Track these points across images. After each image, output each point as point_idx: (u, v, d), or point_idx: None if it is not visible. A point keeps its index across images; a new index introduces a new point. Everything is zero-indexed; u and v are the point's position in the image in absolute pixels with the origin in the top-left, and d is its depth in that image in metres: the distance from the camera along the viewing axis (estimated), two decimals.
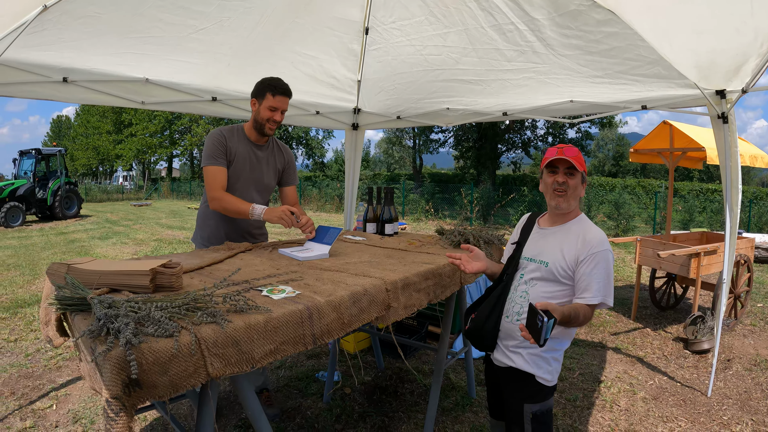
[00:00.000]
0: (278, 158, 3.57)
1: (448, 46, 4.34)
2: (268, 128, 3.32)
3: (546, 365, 2.32)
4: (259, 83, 3.31)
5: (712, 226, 17.35)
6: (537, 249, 2.43)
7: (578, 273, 2.24)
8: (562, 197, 2.34)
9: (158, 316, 1.48)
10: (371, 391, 4.16)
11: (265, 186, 3.52)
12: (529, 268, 2.41)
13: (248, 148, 3.38)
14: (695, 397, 4.23)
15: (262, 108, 3.27)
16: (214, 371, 1.49)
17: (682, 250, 5.55)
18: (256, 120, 3.32)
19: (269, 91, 3.24)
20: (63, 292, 1.74)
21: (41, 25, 3.14)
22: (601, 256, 2.20)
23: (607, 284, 2.20)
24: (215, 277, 2.20)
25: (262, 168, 3.46)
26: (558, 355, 2.37)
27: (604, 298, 2.19)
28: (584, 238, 2.26)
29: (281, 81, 3.29)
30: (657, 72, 3.85)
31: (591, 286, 2.19)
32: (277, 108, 3.27)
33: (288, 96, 3.32)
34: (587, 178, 2.43)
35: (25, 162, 20.46)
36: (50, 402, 3.98)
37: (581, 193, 2.38)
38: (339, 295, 1.97)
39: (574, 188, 2.34)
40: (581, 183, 2.36)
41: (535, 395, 2.33)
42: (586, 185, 2.42)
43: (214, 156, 3.22)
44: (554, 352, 2.34)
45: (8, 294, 7.47)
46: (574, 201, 2.37)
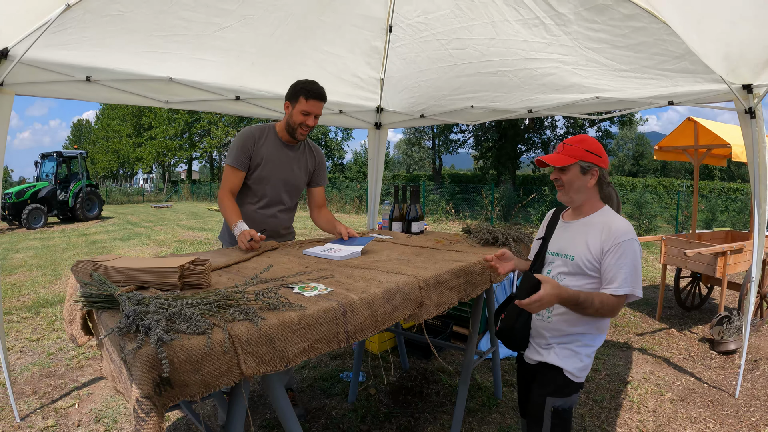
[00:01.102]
0: (309, 159, 3.50)
1: (473, 38, 4.28)
2: (300, 133, 3.23)
3: (577, 360, 2.29)
4: (293, 86, 3.19)
5: (735, 225, 17.06)
6: (562, 243, 2.42)
7: (604, 264, 2.20)
8: (561, 191, 2.38)
9: (190, 313, 1.43)
10: (396, 391, 4.11)
11: (295, 186, 3.46)
12: (556, 263, 2.40)
13: (279, 148, 3.32)
14: (723, 398, 4.15)
15: (295, 112, 3.16)
16: (247, 370, 1.44)
17: (708, 249, 5.43)
18: (289, 123, 3.23)
19: (303, 94, 3.13)
20: (89, 288, 1.71)
21: (64, 24, 3.14)
22: (626, 246, 2.15)
23: (634, 274, 2.15)
24: (243, 275, 2.16)
25: (293, 168, 3.40)
26: (590, 351, 2.32)
27: (632, 289, 2.13)
28: (609, 228, 2.22)
29: (316, 84, 3.17)
30: (684, 67, 3.78)
31: (617, 277, 2.14)
32: (311, 112, 3.16)
33: (322, 100, 3.20)
34: (600, 169, 2.33)
35: (46, 165, 20.70)
36: (72, 401, 3.97)
37: (587, 183, 2.32)
38: (372, 293, 1.93)
39: (569, 183, 2.33)
40: (582, 174, 2.31)
41: (560, 389, 2.30)
42: (598, 175, 2.33)
43: (236, 157, 3.19)
44: (586, 347, 2.31)
45: (30, 294, 7.54)
46: (576, 194, 2.35)
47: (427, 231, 4.13)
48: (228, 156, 3.23)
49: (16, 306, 6.81)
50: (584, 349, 2.30)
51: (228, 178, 3.20)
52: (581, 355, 2.29)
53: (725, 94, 3.93)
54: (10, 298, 7.25)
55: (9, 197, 17.83)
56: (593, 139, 2.35)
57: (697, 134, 6.52)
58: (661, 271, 6.56)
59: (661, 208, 20.30)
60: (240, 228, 2.93)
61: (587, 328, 2.29)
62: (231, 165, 3.19)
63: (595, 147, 2.31)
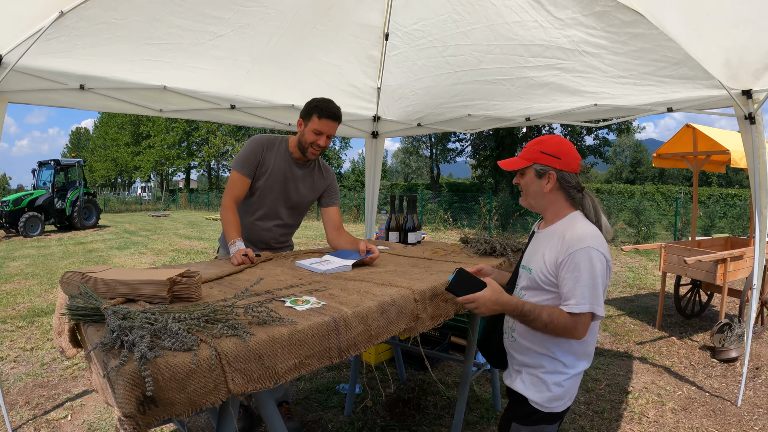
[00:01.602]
0: (318, 179, 3.39)
1: (471, 44, 4.26)
2: (311, 153, 3.12)
3: (543, 389, 2.06)
4: (307, 103, 3.08)
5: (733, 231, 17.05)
6: (527, 255, 2.23)
7: (559, 278, 1.97)
8: (522, 197, 2.23)
9: (176, 329, 1.38)
10: (394, 403, 4.05)
11: (297, 205, 3.36)
12: (521, 277, 2.23)
13: (287, 164, 3.22)
14: (725, 407, 4.11)
15: (307, 130, 3.05)
16: (235, 387, 1.39)
17: (708, 256, 5.40)
18: (300, 141, 3.12)
19: (316, 113, 3.01)
20: (76, 301, 1.67)
21: (58, 32, 3.12)
22: (580, 256, 1.90)
23: (592, 288, 1.89)
24: (235, 288, 2.11)
25: (297, 186, 3.29)
26: (560, 380, 2.05)
27: (592, 307, 1.88)
28: (564, 236, 1.99)
29: (331, 103, 3.06)
30: (683, 73, 3.76)
31: (574, 293, 1.90)
32: (323, 132, 3.04)
33: (337, 120, 3.08)
34: (558, 172, 2.08)
35: (44, 173, 20.69)
36: (65, 412, 3.91)
37: (543, 188, 2.10)
38: (366, 306, 1.88)
39: (525, 187, 2.17)
40: (538, 178, 2.11)
41: (526, 417, 2.10)
42: (556, 178, 2.08)
43: (243, 164, 3.10)
44: (555, 375, 2.05)
45: (26, 303, 7.48)
46: (533, 199, 2.16)
47: (424, 241, 4.09)
48: (236, 161, 3.14)
49: (11, 315, 6.76)
50: (552, 376, 2.05)
51: (234, 184, 3.11)
52: (548, 383, 2.05)
53: (725, 99, 3.91)
54: (5, 307, 7.20)
55: (6, 205, 17.83)
56: (557, 140, 2.12)
57: (696, 141, 6.50)
58: (660, 279, 6.52)
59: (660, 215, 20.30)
60: (237, 246, 2.86)
61: (554, 352, 2.04)
62: (238, 171, 3.11)
63: (555, 148, 2.08)
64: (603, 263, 1.92)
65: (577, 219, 2.07)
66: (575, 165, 2.10)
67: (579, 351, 2.06)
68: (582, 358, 2.08)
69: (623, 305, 7.50)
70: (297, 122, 3.15)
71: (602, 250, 1.93)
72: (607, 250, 1.96)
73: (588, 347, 2.08)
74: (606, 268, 1.94)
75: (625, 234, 16.62)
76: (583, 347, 2.06)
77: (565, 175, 2.09)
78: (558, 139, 2.13)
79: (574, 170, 2.11)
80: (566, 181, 2.10)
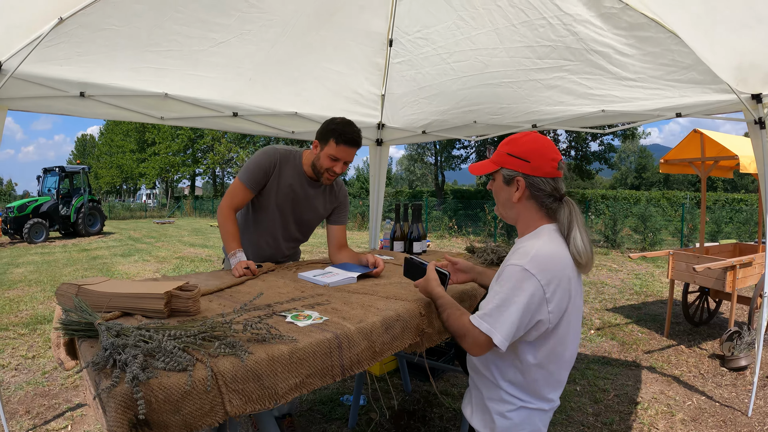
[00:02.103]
0: (329, 198, 3.23)
1: (476, 49, 4.20)
2: (326, 178, 2.95)
3: (488, 420, 1.84)
4: (326, 124, 2.88)
5: (740, 236, 16.92)
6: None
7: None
8: (495, 205, 1.97)
9: (170, 347, 1.33)
10: (398, 415, 3.98)
11: (307, 223, 3.25)
12: None
13: (299, 181, 3.05)
14: (735, 417, 4.04)
15: (323, 155, 2.87)
16: (232, 409, 1.33)
17: (718, 263, 5.33)
18: (315, 164, 2.94)
19: (333, 137, 2.81)
20: (70, 316, 1.61)
21: (57, 38, 3.09)
22: (512, 272, 1.67)
23: (500, 309, 1.66)
24: (236, 300, 2.06)
25: (310, 205, 3.16)
26: (505, 410, 1.80)
27: (490, 329, 1.65)
28: (515, 253, 1.76)
29: (351, 126, 2.85)
30: (692, 77, 3.70)
31: (487, 306, 1.70)
32: (339, 159, 2.85)
33: (356, 146, 2.88)
34: (527, 178, 1.80)
35: (48, 179, 20.75)
36: (65, 422, 3.86)
37: (512, 196, 1.83)
38: (370, 322, 1.81)
39: (495, 194, 1.92)
40: (506, 185, 1.85)
41: None
42: (525, 185, 1.80)
43: (249, 177, 2.93)
44: (499, 404, 1.82)
45: (28, 310, 7.45)
46: (503, 209, 1.92)
47: (429, 250, 4.03)
48: (243, 172, 2.95)
49: (14, 322, 6.72)
50: (495, 405, 1.82)
51: (236, 193, 2.94)
52: (491, 413, 1.82)
53: (734, 104, 3.84)
54: (7, 314, 7.17)
55: (11, 211, 17.92)
56: (529, 139, 1.83)
57: (704, 146, 6.44)
58: (668, 287, 6.45)
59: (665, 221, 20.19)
60: (238, 258, 2.78)
61: (495, 376, 1.82)
62: (243, 182, 2.93)
63: (524, 148, 1.80)
64: (529, 294, 1.64)
65: (541, 235, 1.78)
66: (549, 168, 1.78)
67: (521, 382, 1.79)
68: (528, 392, 1.79)
69: (630, 313, 7.42)
70: (313, 143, 2.97)
71: (540, 277, 1.64)
72: (551, 279, 1.66)
73: (535, 385, 1.78)
74: (535, 300, 1.65)
75: (631, 240, 16.53)
76: (525, 380, 1.78)
77: (536, 181, 1.78)
78: (531, 137, 1.83)
79: (549, 174, 1.78)
80: (537, 188, 1.79)
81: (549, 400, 1.82)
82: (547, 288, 1.65)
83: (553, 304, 1.66)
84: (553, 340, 1.73)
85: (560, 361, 1.78)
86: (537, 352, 1.73)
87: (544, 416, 1.83)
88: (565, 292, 1.69)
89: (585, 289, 9.09)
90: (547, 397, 1.81)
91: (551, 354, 1.74)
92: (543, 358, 1.74)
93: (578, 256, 1.73)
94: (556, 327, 1.71)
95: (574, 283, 1.74)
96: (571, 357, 1.82)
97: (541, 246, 1.71)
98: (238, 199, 2.96)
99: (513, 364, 1.78)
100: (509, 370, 1.79)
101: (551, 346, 1.74)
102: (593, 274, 10.91)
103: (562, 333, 1.73)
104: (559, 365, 1.79)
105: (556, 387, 1.83)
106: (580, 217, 1.78)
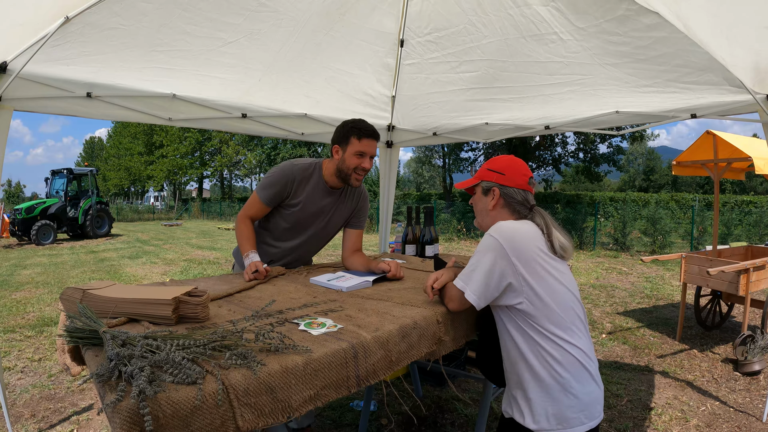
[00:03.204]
0: (349, 203, 3.17)
1: (485, 59, 4.13)
2: (355, 179, 2.90)
3: (514, 403, 1.95)
4: (340, 127, 2.88)
5: (750, 238, 16.79)
6: None
7: None
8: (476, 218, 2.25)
9: (179, 359, 1.26)
10: (409, 421, 3.92)
11: (327, 234, 3.21)
12: None
13: (321, 195, 3.00)
14: (750, 422, 3.99)
15: (348, 155, 2.82)
16: (244, 424, 1.26)
17: (731, 266, 5.26)
18: (341, 169, 2.88)
19: (354, 134, 2.80)
20: (74, 322, 1.55)
21: (64, 38, 3.02)
22: (484, 239, 1.95)
23: (471, 270, 1.94)
24: (245, 306, 1.99)
25: (332, 217, 3.12)
26: (524, 396, 1.90)
27: (464, 287, 1.95)
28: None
29: (366, 122, 2.86)
30: (708, 79, 3.60)
31: (466, 268, 1.99)
32: (366, 153, 2.82)
33: (377, 138, 2.88)
34: (502, 188, 2.08)
35: (56, 181, 20.85)
36: (71, 426, 3.83)
37: (488, 205, 2.11)
38: (386, 330, 1.74)
39: (474, 205, 2.21)
40: (484, 195, 2.14)
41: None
42: (499, 194, 2.08)
43: (269, 196, 2.90)
44: (518, 389, 1.94)
45: (35, 312, 7.44)
46: (481, 217, 2.18)
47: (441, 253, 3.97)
48: (261, 186, 2.92)
49: (20, 324, 6.71)
50: (518, 391, 1.95)
51: (253, 206, 2.94)
52: (517, 397, 1.94)
53: (750, 105, 3.74)
54: (14, 316, 7.17)
55: (19, 213, 18.02)
56: (506, 158, 2.15)
57: (717, 148, 6.36)
58: (681, 290, 6.39)
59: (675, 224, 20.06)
60: (251, 259, 2.74)
61: (522, 369, 1.91)
62: (260, 198, 2.91)
63: (500, 164, 2.12)
64: (494, 255, 1.88)
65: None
66: (521, 181, 2.08)
67: (539, 379, 1.86)
68: (545, 389, 1.85)
69: (642, 317, 7.35)
70: (333, 149, 2.92)
71: (502, 240, 1.89)
72: (515, 244, 1.88)
73: (542, 380, 1.85)
74: (499, 260, 1.87)
75: (640, 243, 16.42)
76: (540, 381, 1.85)
77: (510, 191, 2.08)
78: (508, 157, 2.15)
79: (520, 186, 2.08)
80: (510, 197, 2.08)
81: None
82: (511, 251, 1.87)
83: (522, 267, 1.86)
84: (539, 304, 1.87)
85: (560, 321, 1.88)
86: (531, 317, 1.87)
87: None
88: (533, 258, 1.89)
89: (595, 293, 9.03)
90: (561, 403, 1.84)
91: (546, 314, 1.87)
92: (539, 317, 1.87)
93: (562, 252, 1.97)
94: (534, 293, 1.86)
95: (546, 256, 1.93)
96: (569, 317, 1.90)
97: (507, 222, 1.99)
98: (253, 212, 2.97)
99: (530, 350, 1.88)
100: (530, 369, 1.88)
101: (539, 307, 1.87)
102: (603, 277, 10.83)
103: (544, 295, 1.87)
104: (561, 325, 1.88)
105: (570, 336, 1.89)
106: (552, 219, 2.06)
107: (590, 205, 25.22)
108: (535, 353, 1.85)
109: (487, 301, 1.92)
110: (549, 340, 1.83)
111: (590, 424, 1.83)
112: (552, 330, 1.84)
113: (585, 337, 1.91)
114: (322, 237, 3.21)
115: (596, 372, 1.91)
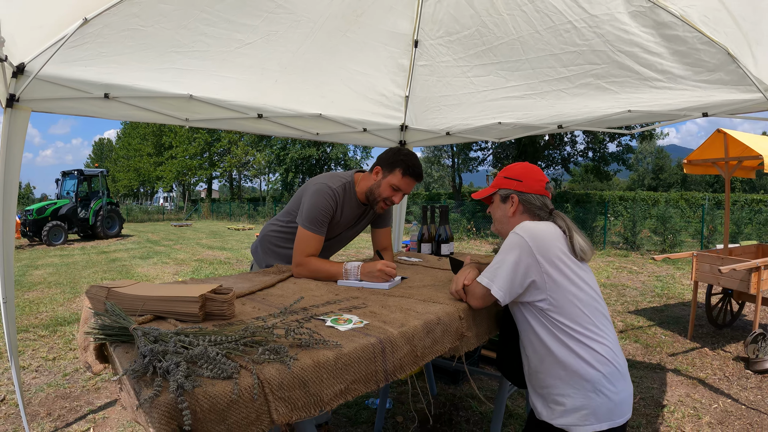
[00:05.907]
0: (373, 211, 3.10)
1: (496, 62, 4.15)
2: (380, 207, 2.89)
3: (543, 402, 1.97)
4: (393, 153, 2.83)
5: (760, 237, 16.69)
6: None
7: None
8: (493, 224, 2.31)
9: (214, 354, 1.28)
10: (424, 419, 3.93)
11: (350, 237, 3.24)
12: None
13: (353, 208, 2.98)
14: (762, 420, 4.00)
15: (385, 183, 2.80)
16: (279, 417, 1.28)
17: (743, 265, 5.25)
18: (372, 192, 2.85)
19: (401, 167, 2.76)
20: (102, 320, 1.57)
21: (82, 39, 3.04)
22: (505, 241, 2.01)
23: (496, 267, 1.97)
24: (269, 303, 2.01)
25: (360, 227, 3.18)
26: (554, 394, 1.92)
27: (490, 282, 1.97)
28: None
29: (417, 160, 2.83)
30: (719, 78, 3.58)
31: (491, 265, 2.02)
32: (401, 190, 2.82)
33: (419, 180, 2.86)
34: (520, 194, 2.15)
35: (67, 182, 20.94)
36: (87, 425, 3.85)
37: (508, 212, 2.17)
38: (412, 325, 1.76)
39: (493, 213, 2.27)
40: (502, 203, 2.21)
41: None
42: (518, 201, 2.15)
43: (317, 223, 2.76)
44: (547, 388, 1.96)
45: (48, 312, 7.48)
46: (501, 225, 2.23)
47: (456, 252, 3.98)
48: (310, 220, 2.76)
49: (34, 323, 6.75)
50: (547, 390, 1.97)
51: (309, 244, 2.74)
52: (545, 396, 1.97)
53: (762, 103, 3.73)
54: (27, 316, 7.21)
55: (30, 214, 18.11)
56: (521, 165, 2.22)
57: (727, 146, 6.35)
58: (692, 288, 6.37)
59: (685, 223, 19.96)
60: (355, 264, 2.62)
61: (550, 369, 1.93)
62: (312, 231, 2.76)
63: (516, 171, 2.18)
64: (518, 251, 1.92)
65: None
66: (539, 187, 2.14)
67: (571, 378, 1.88)
68: (578, 388, 1.87)
69: (653, 315, 7.34)
70: (374, 169, 2.86)
71: (527, 238, 1.93)
72: (539, 243, 1.92)
73: (575, 380, 1.87)
74: (524, 257, 1.91)
75: (650, 242, 16.36)
76: (574, 379, 1.87)
77: (528, 197, 2.14)
78: (523, 164, 2.22)
79: (538, 191, 2.14)
80: (529, 203, 2.14)
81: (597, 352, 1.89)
82: (536, 248, 1.91)
83: (547, 264, 1.90)
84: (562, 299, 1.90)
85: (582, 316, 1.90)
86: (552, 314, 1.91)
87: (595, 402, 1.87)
88: (557, 256, 1.92)
89: (606, 292, 9.02)
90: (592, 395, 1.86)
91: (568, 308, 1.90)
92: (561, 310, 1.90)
93: (582, 254, 1.99)
94: (558, 291, 1.90)
95: (566, 257, 1.95)
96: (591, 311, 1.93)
97: (532, 222, 2.03)
98: (312, 249, 2.77)
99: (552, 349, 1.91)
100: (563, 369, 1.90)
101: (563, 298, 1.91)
102: (614, 276, 10.81)
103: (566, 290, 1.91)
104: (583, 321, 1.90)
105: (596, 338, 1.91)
106: (573, 223, 2.10)
107: (600, 204, 25.14)
108: (564, 352, 1.87)
109: (512, 297, 1.95)
110: (575, 339, 1.85)
111: (619, 421, 1.85)
112: (577, 329, 1.87)
113: (612, 334, 1.93)
114: (345, 241, 3.24)
115: (625, 369, 1.92)
